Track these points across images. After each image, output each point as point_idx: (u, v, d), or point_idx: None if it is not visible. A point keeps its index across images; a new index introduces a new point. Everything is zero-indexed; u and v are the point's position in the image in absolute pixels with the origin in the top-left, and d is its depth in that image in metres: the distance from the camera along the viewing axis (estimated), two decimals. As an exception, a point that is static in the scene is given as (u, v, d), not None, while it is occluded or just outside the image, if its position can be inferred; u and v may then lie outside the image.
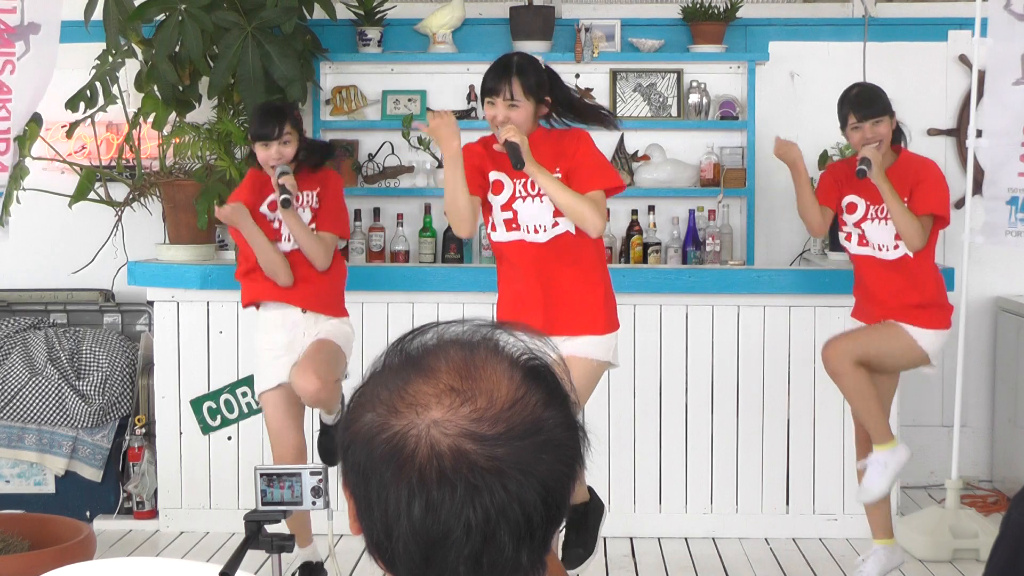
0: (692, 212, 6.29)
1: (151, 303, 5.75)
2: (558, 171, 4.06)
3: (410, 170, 6.40)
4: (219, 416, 5.57)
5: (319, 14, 6.00)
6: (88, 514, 5.67)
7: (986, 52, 5.39)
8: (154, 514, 5.66)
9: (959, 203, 6.16)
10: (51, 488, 5.75)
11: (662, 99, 6.35)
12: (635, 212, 6.30)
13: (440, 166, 6.34)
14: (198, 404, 5.59)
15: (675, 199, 6.32)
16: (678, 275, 5.54)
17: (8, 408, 5.67)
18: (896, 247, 4.58)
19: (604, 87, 6.38)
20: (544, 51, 6.26)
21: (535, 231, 4.08)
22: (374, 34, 6.30)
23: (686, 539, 5.48)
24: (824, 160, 6.15)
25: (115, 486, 5.74)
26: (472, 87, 6.34)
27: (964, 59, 6.26)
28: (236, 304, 5.14)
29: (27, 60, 5.11)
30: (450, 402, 1.17)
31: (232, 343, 5.54)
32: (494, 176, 4.13)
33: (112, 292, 6.25)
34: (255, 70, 5.57)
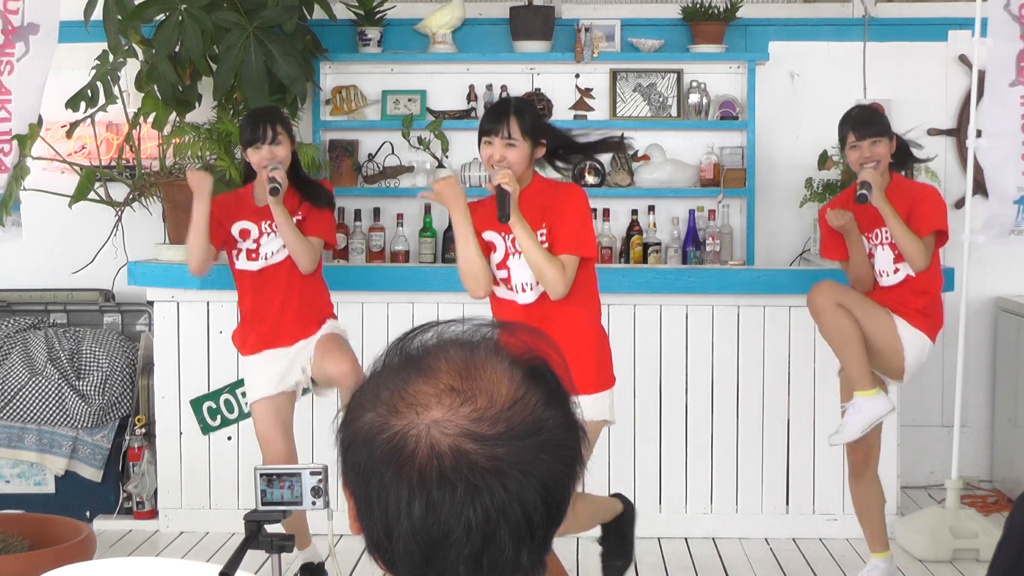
0: (692, 212, 6.29)
1: (151, 303, 5.75)
2: (543, 229, 4.01)
3: (410, 170, 6.39)
4: (219, 416, 5.57)
5: (319, 14, 6.00)
6: (88, 514, 5.67)
7: (986, 52, 5.38)
8: (154, 514, 5.66)
9: (959, 203, 6.16)
10: (51, 488, 5.75)
11: (662, 99, 6.35)
12: (635, 212, 6.30)
13: (440, 166, 6.34)
14: (198, 404, 5.59)
15: (675, 199, 6.32)
16: (678, 275, 5.54)
17: (8, 408, 5.67)
18: (896, 271, 4.53)
19: (604, 87, 6.38)
20: (544, 51, 6.27)
21: (522, 290, 4.06)
22: (374, 34, 6.30)
23: (686, 539, 5.48)
24: (824, 160, 6.15)
25: (115, 486, 5.74)
26: (472, 87, 6.34)
27: (964, 59, 6.26)
28: (236, 304, 5.14)
29: (26, 61, 5.10)
30: (450, 402, 1.17)
31: (232, 343, 5.53)
32: (487, 236, 4.10)
33: (112, 292, 6.25)
34: (258, 70, 5.57)
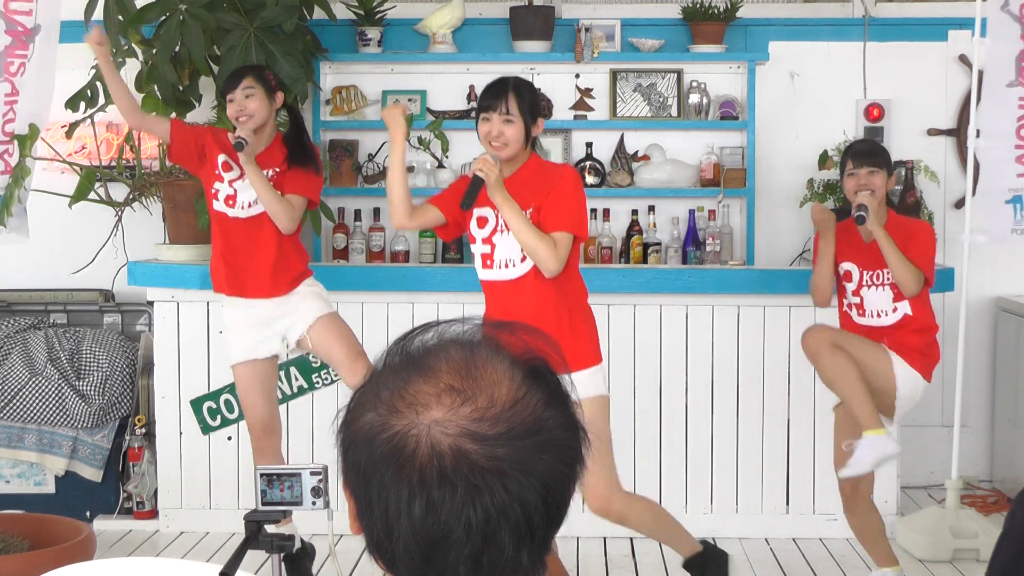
0: (692, 212, 6.29)
1: (151, 303, 5.75)
2: (531, 208, 3.99)
3: (410, 170, 6.38)
4: (219, 416, 5.57)
5: (319, 15, 6.00)
6: (88, 514, 5.67)
7: (985, 52, 5.39)
8: (154, 514, 5.66)
9: (959, 203, 6.16)
10: (51, 488, 5.75)
11: (662, 99, 6.35)
12: (635, 212, 6.30)
13: (440, 166, 6.34)
14: (198, 404, 5.59)
15: (675, 199, 6.32)
16: (678, 275, 5.54)
17: (8, 408, 5.67)
18: (895, 310, 4.49)
19: (604, 87, 6.38)
20: (544, 51, 6.27)
21: (505, 266, 4.04)
22: (374, 34, 6.30)
23: (686, 539, 5.48)
24: (824, 160, 6.16)
25: (115, 486, 5.74)
26: (472, 87, 6.34)
27: (964, 59, 6.26)
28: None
29: (33, 63, 5.11)
30: (450, 402, 1.17)
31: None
32: (479, 212, 4.07)
33: (112, 292, 6.25)
34: (258, 70, 5.57)
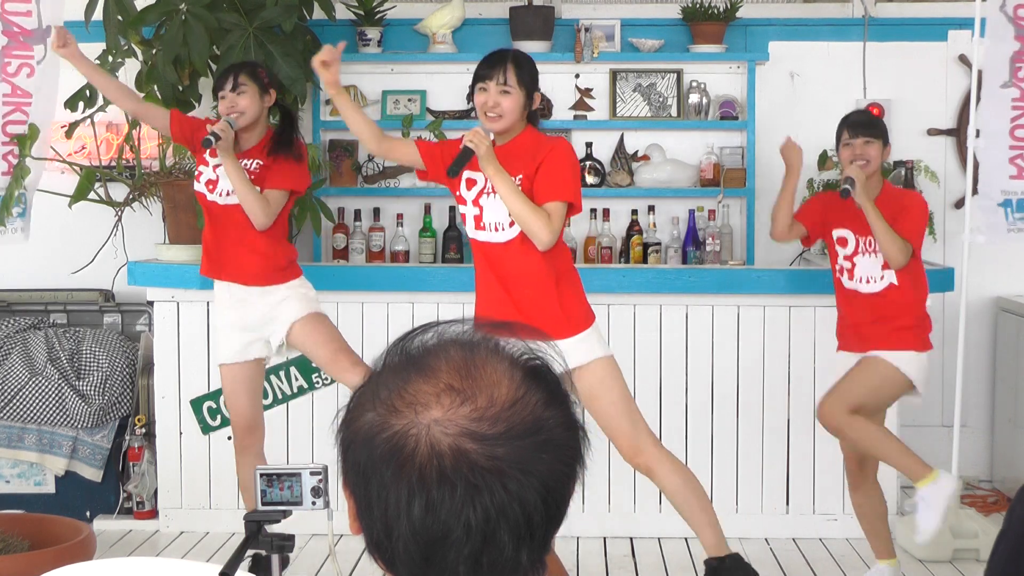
0: (692, 212, 6.29)
1: (151, 303, 5.75)
2: (520, 176, 3.98)
3: (410, 170, 6.38)
4: (219, 416, 5.57)
5: (319, 15, 6.00)
6: (88, 514, 5.67)
7: (983, 52, 5.39)
8: (154, 514, 5.66)
9: (959, 203, 6.16)
10: (51, 488, 5.74)
11: (662, 99, 6.35)
12: (635, 212, 6.30)
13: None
14: (198, 404, 5.59)
15: (675, 199, 6.32)
16: (678, 275, 5.54)
17: (8, 408, 5.67)
18: (882, 277, 4.51)
19: (604, 87, 6.38)
20: (544, 51, 6.26)
21: (496, 229, 4.03)
22: (374, 34, 6.30)
23: (686, 539, 5.47)
24: (823, 160, 6.16)
25: (115, 486, 5.74)
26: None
27: (964, 59, 6.26)
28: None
29: (45, 65, 5.12)
30: (450, 401, 1.17)
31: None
32: (468, 174, 4.06)
33: (112, 292, 6.25)
34: (259, 70, 5.57)
